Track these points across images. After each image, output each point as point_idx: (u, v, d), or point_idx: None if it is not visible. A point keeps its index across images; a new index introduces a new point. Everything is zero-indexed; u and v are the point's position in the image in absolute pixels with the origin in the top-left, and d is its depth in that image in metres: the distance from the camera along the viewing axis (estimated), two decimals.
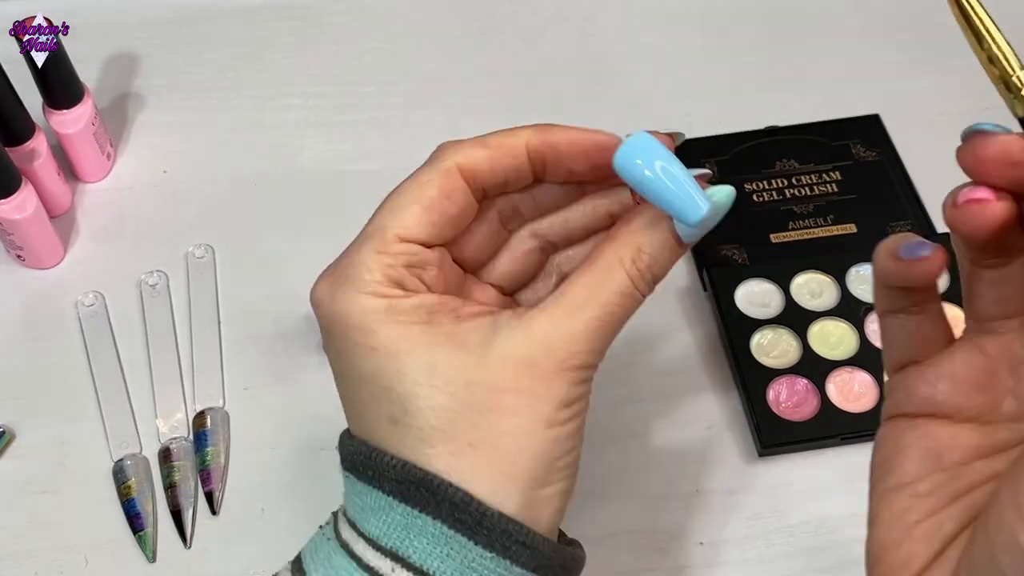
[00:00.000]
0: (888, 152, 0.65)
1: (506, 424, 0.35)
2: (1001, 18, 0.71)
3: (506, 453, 0.35)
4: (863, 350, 0.56)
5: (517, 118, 0.68)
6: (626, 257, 0.36)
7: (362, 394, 0.37)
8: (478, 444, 0.35)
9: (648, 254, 0.36)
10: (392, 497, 0.35)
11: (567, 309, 0.36)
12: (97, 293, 0.61)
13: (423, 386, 0.35)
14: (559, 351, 0.35)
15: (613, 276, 0.36)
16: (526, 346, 0.35)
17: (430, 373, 0.35)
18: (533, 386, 0.35)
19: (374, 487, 0.36)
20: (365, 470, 0.36)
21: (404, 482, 0.35)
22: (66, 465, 0.55)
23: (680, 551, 0.51)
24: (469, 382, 0.35)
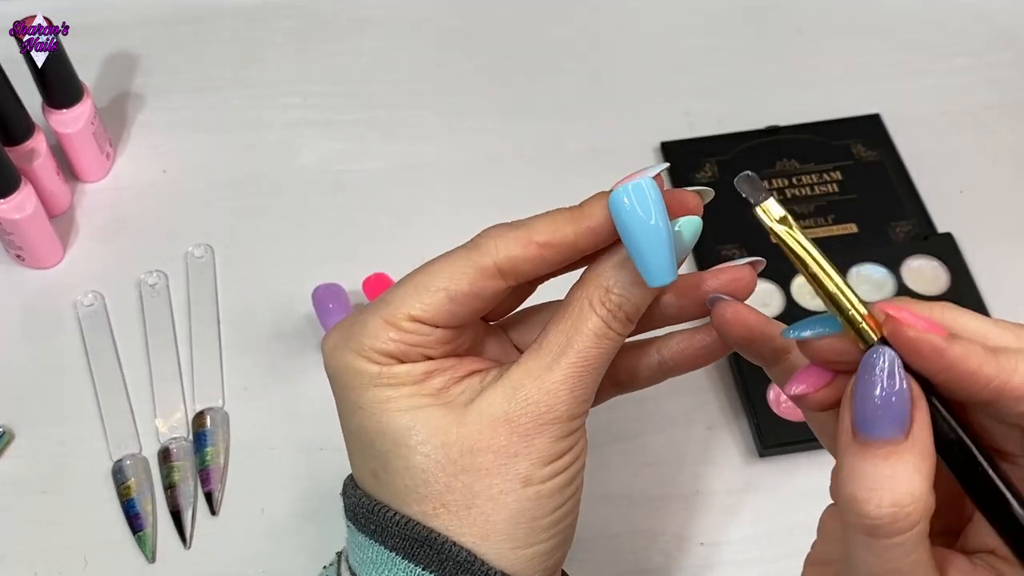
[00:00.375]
0: (889, 152, 0.65)
1: (480, 485, 0.35)
2: (1002, 18, 0.71)
3: (480, 514, 0.35)
4: None
5: (517, 118, 0.69)
6: (594, 298, 0.36)
7: (350, 445, 0.38)
8: (450, 505, 0.35)
9: (617, 294, 0.35)
10: (395, 554, 0.35)
11: (544, 360, 0.36)
12: (96, 293, 0.61)
13: (400, 446, 0.35)
14: (537, 405, 0.35)
15: (584, 319, 0.36)
16: (504, 403, 0.35)
17: (407, 433, 0.35)
18: (510, 444, 0.35)
19: (376, 541, 0.36)
20: (367, 524, 0.36)
21: (408, 539, 0.35)
22: (65, 465, 0.55)
23: (680, 551, 0.51)
24: (445, 443, 0.35)
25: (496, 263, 0.35)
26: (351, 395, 0.36)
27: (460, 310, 0.36)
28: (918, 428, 0.30)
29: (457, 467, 0.35)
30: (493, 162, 0.66)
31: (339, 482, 0.53)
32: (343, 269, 0.59)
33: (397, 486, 0.35)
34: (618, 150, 0.67)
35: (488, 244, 0.36)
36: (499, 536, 0.35)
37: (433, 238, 0.62)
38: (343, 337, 0.37)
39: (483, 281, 0.36)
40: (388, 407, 0.35)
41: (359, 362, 0.36)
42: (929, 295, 0.58)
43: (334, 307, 0.56)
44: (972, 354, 0.29)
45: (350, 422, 0.37)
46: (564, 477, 0.36)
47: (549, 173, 0.66)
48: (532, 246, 0.35)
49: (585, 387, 0.36)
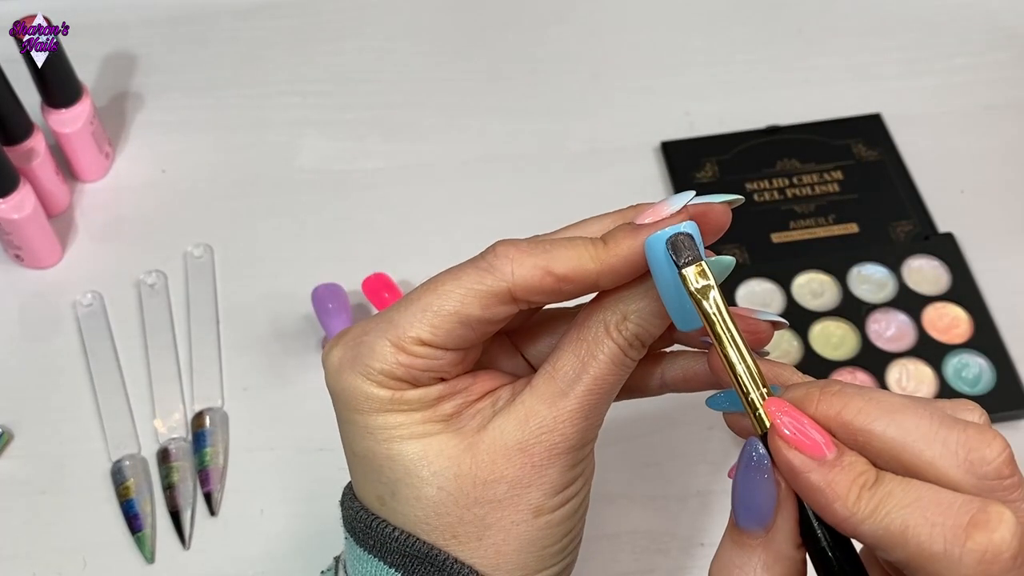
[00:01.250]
0: (889, 152, 0.64)
1: (492, 517, 0.34)
2: (1002, 18, 0.71)
3: (492, 544, 0.34)
4: (864, 350, 0.56)
5: (517, 118, 0.68)
6: (611, 324, 0.34)
7: (356, 468, 0.37)
8: (461, 536, 0.34)
9: (635, 323, 0.34)
10: (394, 570, 0.35)
11: (558, 386, 0.35)
12: (95, 293, 0.60)
13: (411, 476, 0.34)
14: (551, 435, 0.34)
15: (600, 345, 0.34)
16: (518, 431, 0.34)
17: (420, 463, 0.34)
18: (523, 475, 0.34)
19: (375, 556, 0.35)
20: (366, 538, 0.36)
21: (407, 556, 0.34)
22: (64, 465, 0.54)
23: (680, 552, 0.51)
24: (458, 474, 0.34)
25: (511, 289, 0.34)
26: (359, 418, 0.35)
27: (471, 334, 0.35)
28: (778, 530, 0.30)
29: (470, 499, 0.34)
30: (493, 162, 0.66)
31: (338, 483, 0.53)
32: (343, 269, 0.59)
33: (407, 515, 0.35)
34: (618, 150, 0.67)
35: (504, 268, 0.34)
36: (509, 565, 0.35)
37: (433, 238, 0.63)
38: (349, 357, 0.35)
39: (496, 306, 0.34)
40: (399, 434, 0.35)
41: (368, 386, 0.35)
42: (930, 295, 0.58)
43: (334, 307, 0.56)
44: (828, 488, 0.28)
45: (357, 445, 0.36)
46: (573, 504, 0.36)
47: (549, 173, 0.66)
48: (550, 278, 0.33)
49: (598, 414, 0.35)
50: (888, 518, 0.27)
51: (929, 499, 0.27)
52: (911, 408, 0.29)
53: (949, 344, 0.56)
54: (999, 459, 0.28)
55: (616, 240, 0.33)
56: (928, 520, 0.27)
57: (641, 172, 0.65)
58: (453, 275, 0.35)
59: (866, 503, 0.28)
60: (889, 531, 0.27)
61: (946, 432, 0.28)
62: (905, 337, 0.56)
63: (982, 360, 0.55)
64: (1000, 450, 0.28)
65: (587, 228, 0.36)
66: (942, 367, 0.55)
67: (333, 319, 0.56)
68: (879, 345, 0.56)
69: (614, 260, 0.33)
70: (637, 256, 0.33)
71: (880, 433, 0.29)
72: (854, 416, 0.29)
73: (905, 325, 0.57)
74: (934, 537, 0.26)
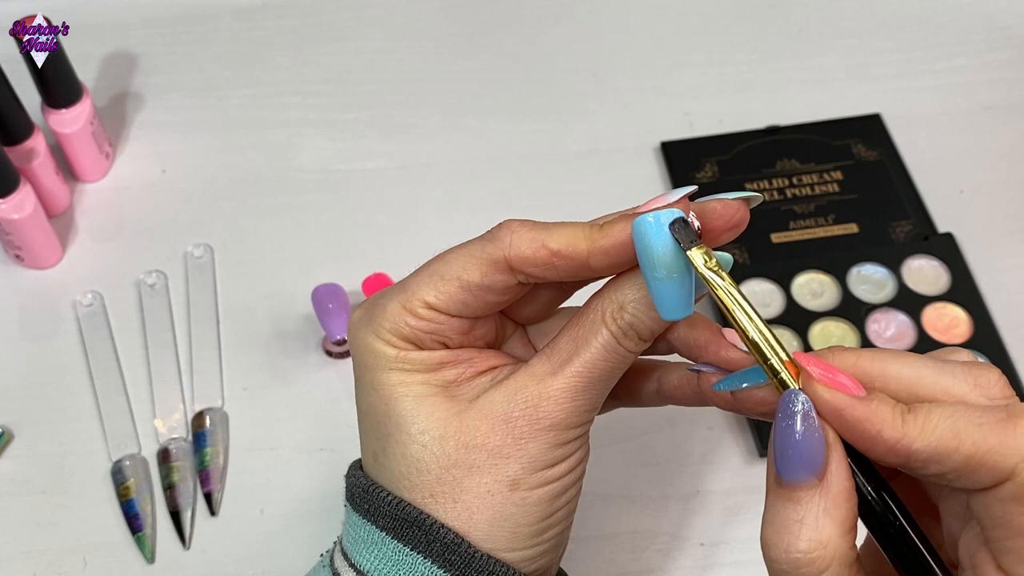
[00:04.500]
0: (889, 152, 0.65)
1: (469, 481, 0.35)
2: (1002, 18, 0.71)
3: (465, 508, 0.35)
4: None
5: (517, 118, 0.68)
6: (608, 312, 0.35)
7: (361, 425, 0.39)
8: (438, 496, 0.35)
9: (631, 313, 0.35)
10: (385, 533, 0.36)
11: (550, 364, 0.36)
12: (96, 293, 0.61)
13: (400, 432, 0.36)
14: (536, 409, 0.35)
15: (596, 331, 0.35)
16: (505, 402, 0.35)
17: (410, 420, 0.36)
18: (503, 445, 0.35)
19: (368, 521, 0.37)
20: (362, 503, 0.37)
21: (398, 519, 0.36)
22: (64, 465, 0.55)
23: (680, 552, 0.51)
24: (443, 435, 0.35)
25: (507, 257, 0.35)
26: (367, 374, 0.37)
27: (473, 300, 0.36)
28: (832, 473, 0.30)
29: (450, 461, 0.35)
30: (493, 162, 0.66)
31: (338, 482, 0.53)
32: (343, 269, 0.59)
33: (392, 471, 0.36)
34: (618, 150, 0.67)
35: (504, 238, 0.36)
36: (480, 533, 0.35)
37: (433, 238, 0.62)
38: (366, 316, 0.38)
39: (494, 273, 0.36)
40: (398, 391, 0.36)
41: (378, 344, 0.37)
42: (930, 295, 0.58)
43: (334, 307, 0.56)
44: (874, 416, 0.29)
45: (363, 401, 0.38)
46: (555, 487, 0.36)
47: (549, 173, 0.66)
48: (543, 251, 0.35)
49: (588, 398, 0.36)
50: (937, 430, 0.29)
51: (963, 409, 0.29)
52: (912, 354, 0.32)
53: (949, 344, 0.56)
54: (1000, 382, 0.31)
55: (611, 223, 0.34)
56: (973, 422, 0.29)
57: (641, 172, 0.65)
58: (461, 246, 0.37)
59: (912, 423, 0.29)
60: (942, 441, 0.29)
61: (950, 367, 0.31)
62: (905, 337, 0.56)
63: (982, 360, 0.55)
64: (998, 375, 0.31)
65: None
66: None
67: (333, 319, 0.56)
68: (879, 345, 0.56)
69: (605, 241, 0.34)
70: (628, 238, 0.34)
71: (896, 373, 0.31)
72: (869, 364, 0.31)
73: (905, 325, 0.57)
74: (985, 433, 0.28)
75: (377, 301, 0.38)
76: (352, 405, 0.56)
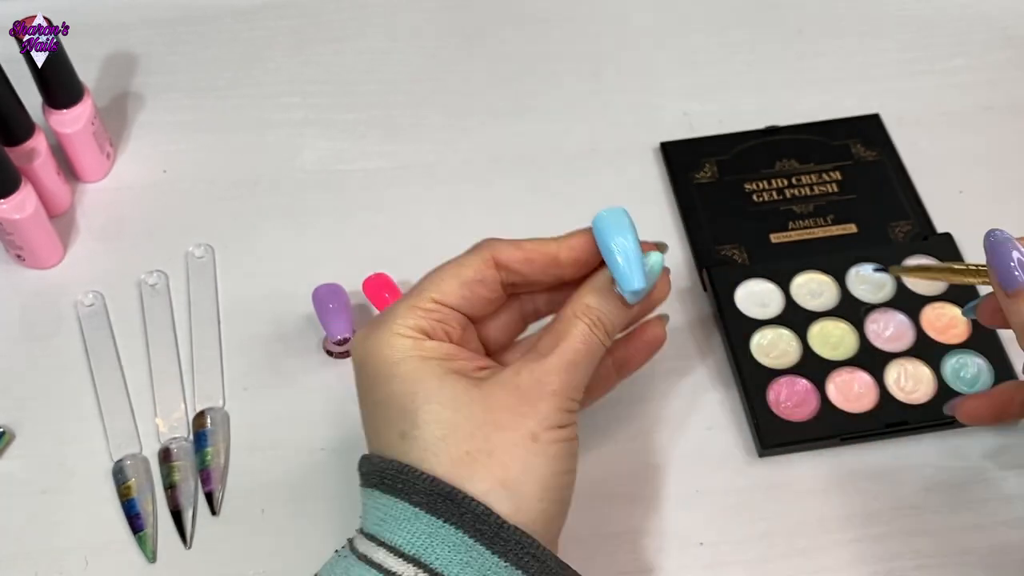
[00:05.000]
0: (888, 152, 0.65)
1: (497, 437, 0.40)
2: (1001, 18, 0.71)
3: (498, 462, 0.40)
4: (863, 350, 0.56)
5: (517, 118, 0.69)
6: (579, 311, 0.43)
7: (379, 416, 0.43)
8: (475, 453, 0.40)
9: (596, 309, 0.44)
10: (418, 508, 0.39)
11: (541, 352, 0.43)
12: (97, 293, 0.61)
13: (431, 403, 0.41)
14: (540, 378, 0.42)
15: (571, 325, 0.43)
16: (514, 377, 0.42)
17: (438, 393, 0.41)
18: (520, 404, 0.41)
19: (400, 499, 0.40)
20: (394, 483, 0.40)
21: (431, 494, 0.39)
22: (66, 465, 0.55)
23: (680, 551, 0.51)
24: (469, 400, 0.41)
25: (493, 255, 0.45)
26: (385, 369, 0.42)
27: (470, 294, 0.44)
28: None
29: (479, 420, 0.40)
30: (493, 162, 0.67)
31: (338, 482, 0.54)
32: (343, 269, 0.60)
33: (427, 438, 0.40)
34: (618, 150, 0.67)
35: (489, 244, 0.45)
36: (515, 483, 0.40)
37: (433, 238, 0.63)
38: (374, 325, 0.44)
39: (484, 269, 0.45)
40: (420, 373, 0.42)
41: (394, 338, 0.42)
42: (928, 295, 0.58)
43: (334, 307, 0.56)
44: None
45: (380, 392, 0.42)
46: (564, 447, 0.42)
47: (549, 173, 0.66)
48: (520, 250, 0.45)
49: (574, 376, 0.42)
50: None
51: None
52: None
53: (947, 344, 0.56)
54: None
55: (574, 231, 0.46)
56: None
57: (640, 172, 0.66)
58: (454, 258, 0.46)
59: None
60: None
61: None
62: (904, 337, 0.56)
63: (980, 360, 0.55)
64: None
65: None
66: (940, 367, 0.55)
67: (333, 319, 0.56)
68: (878, 345, 0.56)
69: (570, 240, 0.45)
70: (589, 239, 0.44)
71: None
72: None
73: (904, 325, 0.57)
74: None
75: (382, 314, 0.44)
76: (353, 405, 0.56)
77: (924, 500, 0.52)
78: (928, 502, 0.51)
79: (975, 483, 0.52)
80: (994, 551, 0.50)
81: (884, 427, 0.53)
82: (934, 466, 0.53)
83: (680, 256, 0.62)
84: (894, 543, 0.50)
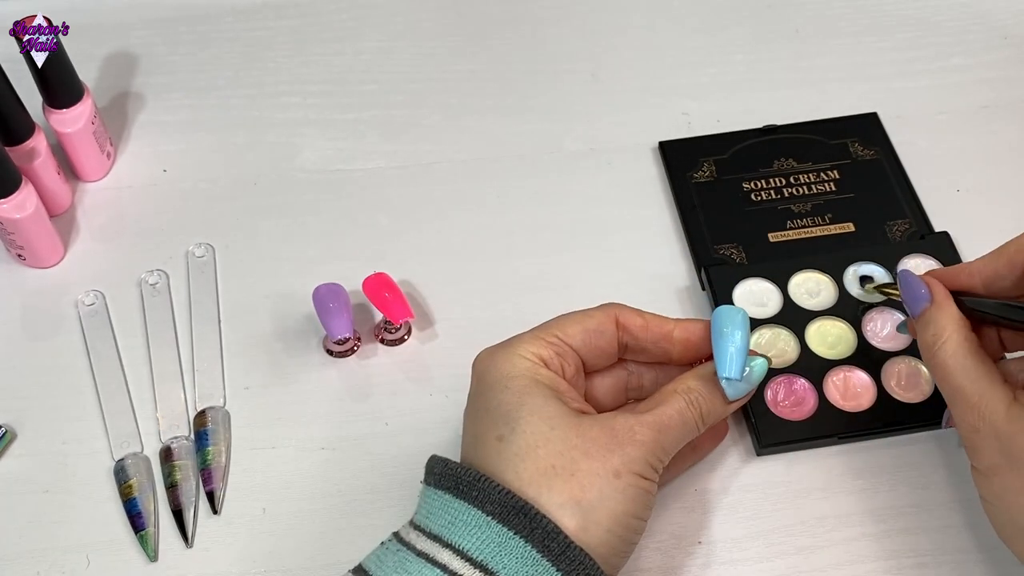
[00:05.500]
0: (886, 151, 0.65)
1: (583, 463, 0.43)
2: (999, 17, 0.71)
3: (577, 483, 0.42)
4: (861, 349, 0.56)
5: (516, 118, 0.69)
6: (680, 388, 0.47)
7: (484, 422, 0.45)
8: (559, 468, 0.43)
9: (697, 391, 0.47)
10: (491, 518, 0.41)
11: (636, 409, 0.46)
12: (97, 292, 0.61)
13: (533, 415, 0.44)
14: (634, 427, 0.45)
15: (671, 398, 0.46)
16: (609, 420, 0.45)
17: (541, 409, 0.44)
18: (609, 442, 0.44)
19: (475, 506, 0.42)
20: (470, 490, 0.43)
21: (506, 506, 0.41)
22: (67, 464, 0.55)
23: (679, 550, 0.51)
24: (566, 424, 0.44)
25: (616, 315, 0.49)
26: (502, 381, 0.45)
27: (590, 341, 0.48)
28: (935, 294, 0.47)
29: (571, 443, 0.43)
30: (493, 162, 0.67)
31: (338, 481, 0.54)
32: (343, 269, 0.60)
33: (520, 444, 0.43)
34: (617, 150, 0.67)
35: (615, 306, 0.49)
36: (588, 506, 0.42)
37: (433, 238, 0.63)
38: (499, 347, 0.47)
39: (606, 323, 0.48)
40: (532, 390, 0.45)
41: (516, 358, 0.46)
42: None
43: (334, 307, 0.57)
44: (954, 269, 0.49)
45: (492, 401, 0.45)
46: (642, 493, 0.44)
47: (549, 173, 0.66)
48: (641, 317, 0.49)
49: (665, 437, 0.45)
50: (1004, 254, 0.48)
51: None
52: None
53: None
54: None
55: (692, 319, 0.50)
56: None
57: (639, 172, 0.66)
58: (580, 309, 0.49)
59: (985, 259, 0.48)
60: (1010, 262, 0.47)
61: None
62: (901, 336, 0.56)
63: None
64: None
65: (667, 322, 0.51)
66: None
67: (334, 318, 0.56)
68: (875, 344, 0.56)
69: (686, 323, 0.49)
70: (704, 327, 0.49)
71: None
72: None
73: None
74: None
75: (509, 339, 0.48)
76: (356, 404, 0.57)
77: (922, 498, 0.52)
78: (926, 500, 0.52)
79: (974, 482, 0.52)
80: (992, 549, 0.50)
81: (882, 426, 0.53)
82: (932, 464, 0.53)
83: (679, 255, 0.62)
84: (893, 541, 0.50)
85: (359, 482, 0.53)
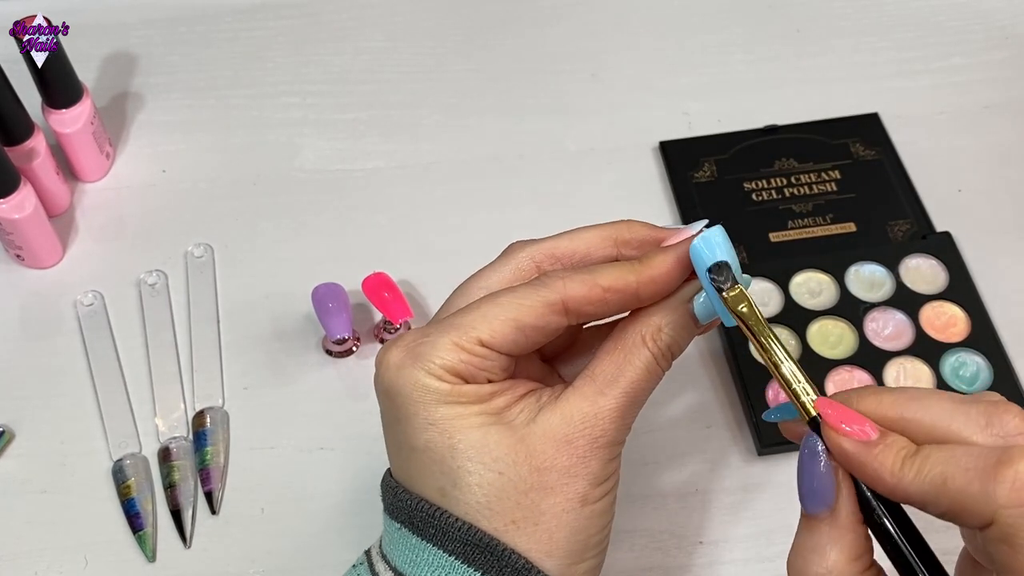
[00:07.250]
0: (887, 151, 0.65)
1: (546, 503, 0.37)
2: (1000, 17, 0.71)
3: (545, 530, 0.37)
4: (862, 349, 0.56)
5: (516, 118, 0.69)
6: (647, 335, 0.39)
7: (414, 462, 0.39)
8: (520, 522, 0.37)
9: (667, 333, 0.39)
10: (453, 557, 0.37)
11: (596, 385, 0.38)
12: (96, 292, 0.61)
13: (474, 463, 0.37)
14: (592, 429, 0.38)
15: (636, 352, 0.39)
16: (563, 425, 0.38)
17: (482, 451, 0.37)
18: (570, 464, 0.37)
19: (434, 545, 0.37)
20: (426, 527, 0.38)
21: (468, 544, 0.37)
22: (65, 465, 0.55)
23: (680, 550, 0.51)
24: (516, 461, 0.37)
25: (563, 300, 0.38)
26: (421, 411, 0.38)
27: (524, 340, 0.38)
28: (841, 507, 0.34)
29: (527, 485, 0.37)
30: (493, 162, 0.67)
31: (337, 481, 0.53)
32: (343, 269, 0.60)
33: (469, 502, 0.37)
34: (617, 149, 0.67)
35: (556, 283, 0.38)
36: (560, 552, 0.37)
37: (433, 238, 0.63)
38: (409, 356, 0.38)
39: (549, 315, 0.38)
40: (459, 424, 0.37)
41: (430, 380, 0.38)
42: (928, 294, 0.58)
43: (334, 307, 0.56)
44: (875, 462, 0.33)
45: (418, 439, 0.38)
46: (610, 498, 0.39)
47: (548, 173, 0.66)
48: (597, 289, 0.38)
49: (631, 415, 0.39)
50: (929, 475, 0.31)
51: (961, 452, 0.31)
52: (935, 394, 0.34)
53: (946, 343, 0.56)
54: (1015, 420, 0.32)
55: (651, 257, 0.39)
56: (962, 468, 0.31)
57: (639, 172, 0.66)
58: (510, 290, 0.39)
59: (909, 468, 0.32)
60: (933, 485, 0.31)
61: (966, 407, 0.33)
62: (903, 336, 0.56)
63: (979, 359, 0.55)
64: (1016, 411, 0.32)
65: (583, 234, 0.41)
66: (939, 366, 0.55)
67: (333, 319, 0.56)
68: (877, 344, 0.56)
69: (652, 271, 0.39)
70: (670, 268, 0.39)
71: (913, 415, 0.33)
72: (890, 406, 0.34)
73: (903, 324, 0.57)
74: (969, 479, 0.30)
75: (421, 341, 0.38)
76: (355, 404, 0.57)
77: None
78: None
79: None
80: None
81: None
82: None
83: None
84: None
85: (358, 482, 0.53)
